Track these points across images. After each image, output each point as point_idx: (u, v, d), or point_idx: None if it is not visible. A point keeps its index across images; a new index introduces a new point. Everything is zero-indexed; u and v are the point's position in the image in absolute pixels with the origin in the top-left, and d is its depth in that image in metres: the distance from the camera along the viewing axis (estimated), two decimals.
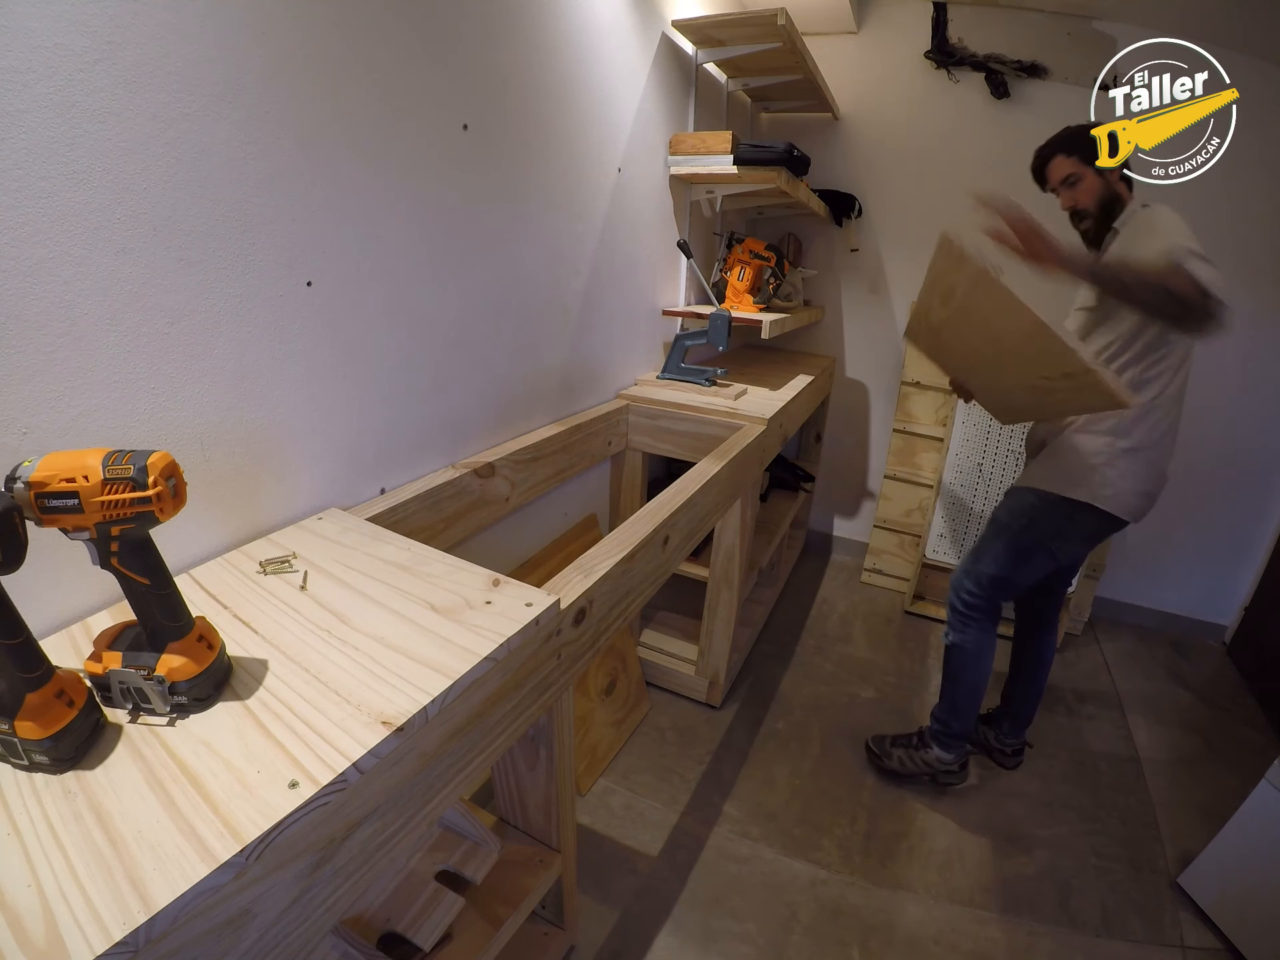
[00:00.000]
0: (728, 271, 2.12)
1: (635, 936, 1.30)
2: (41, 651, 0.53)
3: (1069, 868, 1.52)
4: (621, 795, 1.61)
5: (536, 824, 1.08)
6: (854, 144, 2.54)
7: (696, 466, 1.39)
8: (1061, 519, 1.42)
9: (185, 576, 0.80)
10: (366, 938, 0.86)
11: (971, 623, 1.57)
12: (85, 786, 0.51)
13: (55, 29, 0.61)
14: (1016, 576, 1.51)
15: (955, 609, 1.58)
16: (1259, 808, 1.29)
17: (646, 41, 1.66)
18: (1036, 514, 1.45)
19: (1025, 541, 1.48)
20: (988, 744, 1.82)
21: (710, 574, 1.79)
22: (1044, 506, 1.44)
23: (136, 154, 0.69)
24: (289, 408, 0.93)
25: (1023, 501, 1.48)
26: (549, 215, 1.40)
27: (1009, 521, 1.50)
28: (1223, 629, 2.51)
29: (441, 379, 1.20)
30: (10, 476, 0.52)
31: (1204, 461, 2.36)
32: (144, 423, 0.76)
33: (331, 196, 0.92)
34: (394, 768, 0.59)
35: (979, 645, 1.58)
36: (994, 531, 1.53)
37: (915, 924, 1.37)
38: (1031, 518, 1.46)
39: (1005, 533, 1.50)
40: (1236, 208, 2.09)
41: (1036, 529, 1.46)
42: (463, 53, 1.09)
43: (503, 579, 0.83)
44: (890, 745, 1.73)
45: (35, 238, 0.63)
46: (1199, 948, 1.35)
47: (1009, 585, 1.53)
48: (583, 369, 1.66)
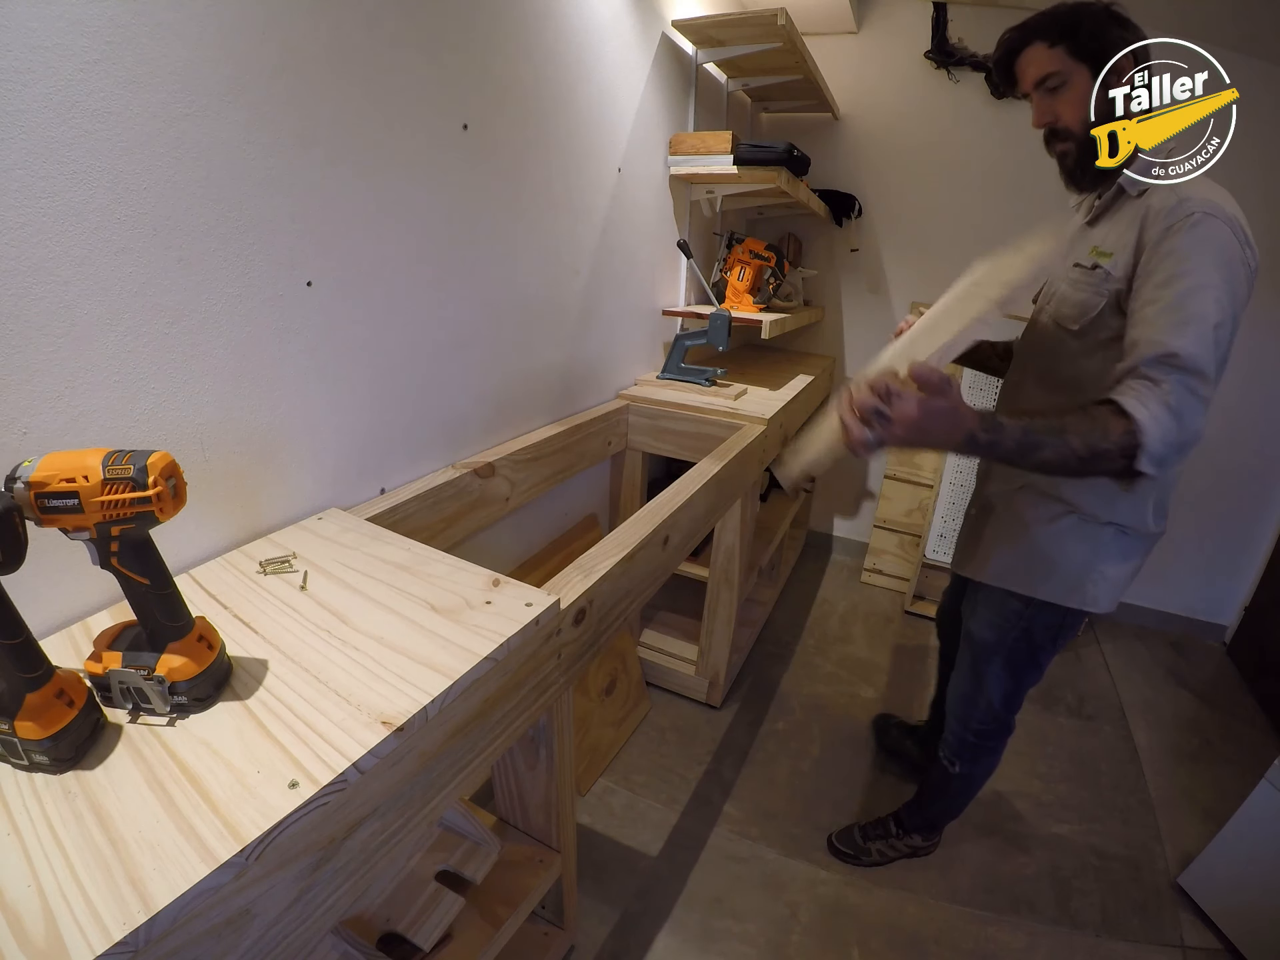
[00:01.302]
0: (728, 271, 2.11)
1: (635, 936, 1.30)
2: (41, 651, 0.53)
3: (1069, 868, 1.52)
4: (621, 795, 1.61)
5: (536, 824, 1.08)
6: (854, 144, 2.54)
7: (696, 466, 1.39)
8: (1058, 619, 1.15)
9: (185, 576, 0.80)
10: (366, 938, 0.86)
11: (986, 751, 1.34)
12: (85, 786, 0.51)
13: (55, 29, 0.61)
14: (1026, 684, 1.25)
15: (965, 742, 1.33)
16: (1259, 808, 1.29)
17: (646, 41, 1.66)
18: (1029, 623, 1.16)
19: (1023, 654, 1.21)
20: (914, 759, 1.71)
21: (710, 574, 1.79)
22: (1033, 613, 1.15)
23: (137, 154, 0.69)
24: (289, 408, 0.93)
25: (1006, 611, 1.18)
26: (549, 215, 1.40)
27: (997, 639, 1.21)
28: (1223, 629, 2.51)
29: (441, 379, 1.20)
30: (10, 476, 0.52)
31: (1204, 461, 2.36)
32: (144, 423, 0.76)
33: (331, 197, 0.92)
34: (394, 768, 0.59)
35: (989, 770, 1.39)
36: (984, 653, 1.25)
37: (915, 924, 1.37)
38: (1024, 629, 1.17)
39: (999, 652, 1.22)
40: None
41: (1033, 638, 1.18)
42: (463, 53, 1.09)
43: (503, 579, 0.83)
44: (864, 840, 1.51)
45: (35, 238, 0.63)
46: (1199, 948, 1.35)
47: (1020, 696, 1.28)
48: (583, 369, 1.66)
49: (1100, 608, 1.11)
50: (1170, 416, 0.79)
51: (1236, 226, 0.86)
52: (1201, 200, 0.87)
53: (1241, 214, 0.89)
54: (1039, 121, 1.03)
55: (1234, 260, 0.85)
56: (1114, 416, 0.80)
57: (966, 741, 1.33)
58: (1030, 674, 1.23)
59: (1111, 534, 1.06)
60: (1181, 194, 0.90)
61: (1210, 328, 0.83)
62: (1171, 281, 0.86)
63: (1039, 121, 1.03)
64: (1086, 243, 1.03)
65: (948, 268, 2.67)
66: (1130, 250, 0.92)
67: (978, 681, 1.27)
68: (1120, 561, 1.09)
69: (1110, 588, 1.10)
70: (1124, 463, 0.80)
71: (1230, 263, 0.85)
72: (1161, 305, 0.86)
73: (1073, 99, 0.97)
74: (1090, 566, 1.08)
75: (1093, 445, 0.80)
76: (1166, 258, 0.87)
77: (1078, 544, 1.08)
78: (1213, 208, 0.86)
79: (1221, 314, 0.83)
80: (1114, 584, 1.10)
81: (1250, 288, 0.88)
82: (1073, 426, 0.80)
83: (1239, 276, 0.86)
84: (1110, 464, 0.81)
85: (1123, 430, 0.79)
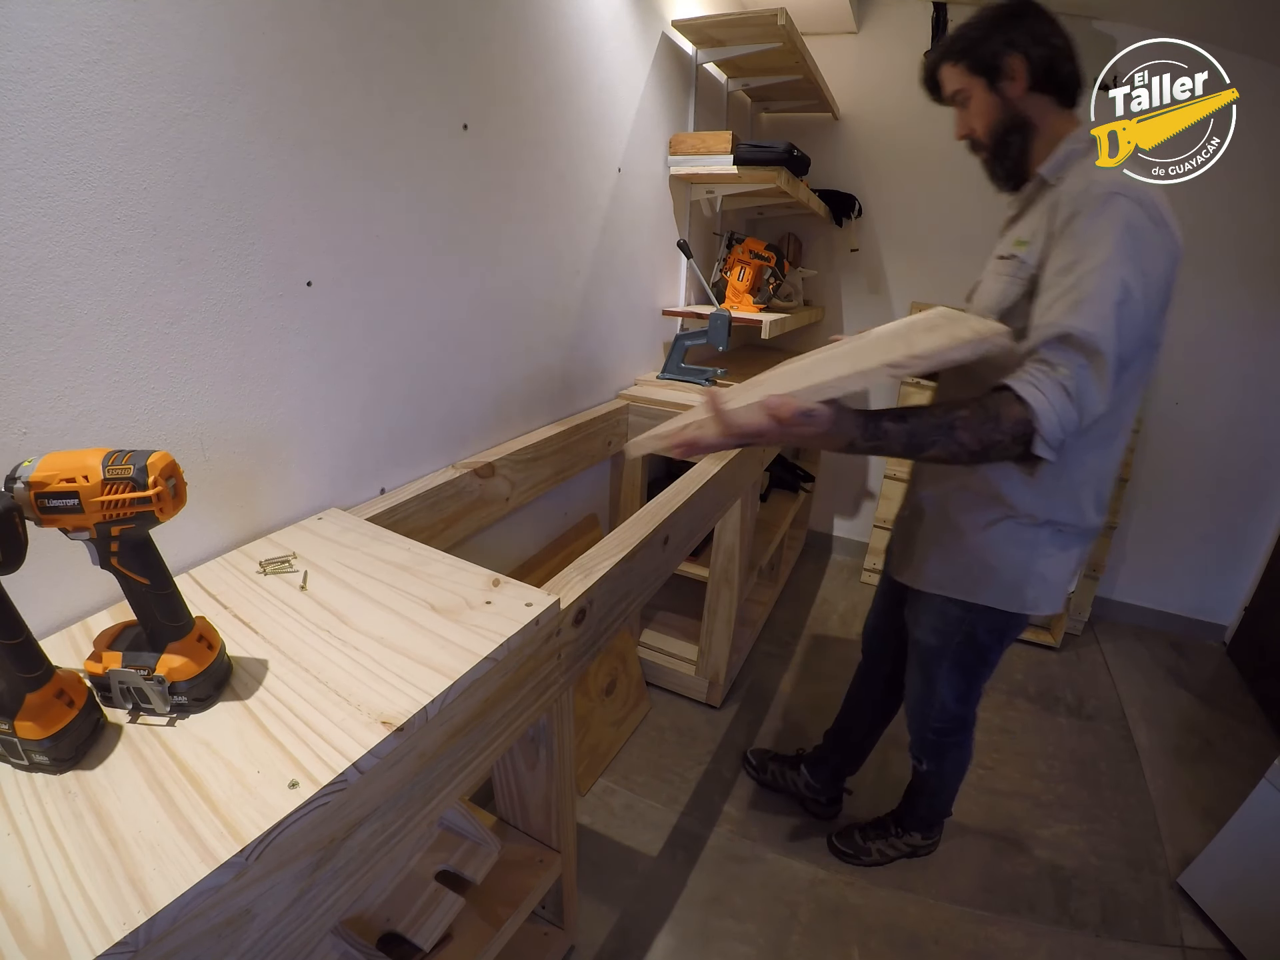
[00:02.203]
0: (728, 271, 2.11)
1: (635, 936, 1.30)
2: (41, 651, 0.53)
3: (1069, 868, 1.52)
4: (621, 795, 1.61)
5: (536, 824, 1.08)
6: (854, 144, 2.54)
7: (696, 466, 1.39)
8: (1000, 622, 1.13)
9: (185, 576, 0.80)
10: (366, 938, 0.86)
11: (949, 747, 1.34)
12: (85, 786, 0.51)
13: (55, 29, 0.61)
14: (978, 681, 1.25)
15: (927, 740, 1.33)
16: (1259, 808, 1.29)
17: (646, 41, 1.66)
18: (971, 626, 1.15)
19: (970, 656, 1.19)
20: (796, 790, 1.62)
21: (710, 574, 1.79)
22: (974, 618, 1.13)
23: (136, 154, 0.69)
24: (289, 408, 0.93)
25: (948, 616, 1.16)
26: (549, 215, 1.40)
27: (941, 644, 1.20)
28: (1223, 629, 2.51)
29: (441, 379, 1.20)
30: (10, 476, 0.52)
31: (1204, 461, 2.36)
32: (144, 423, 0.76)
33: (331, 197, 0.92)
34: (394, 768, 0.59)
35: (960, 763, 1.39)
36: (930, 658, 1.23)
37: (915, 924, 1.37)
38: (966, 633, 1.16)
39: (944, 656, 1.21)
40: (1236, 208, 2.09)
41: (978, 640, 1.16)
42: (463, 53, 1.09)
43: (503, 579, 0.83)
44: (864, 840, 1.51)
45: (35, 238, 0.63)
46: (1199, 948, 1.35)
47: (976, 694, 1.28)
48: (583, 369, 1.66)
49: (1042, 610, 1.09)
50: (1066, 399, 0.79)
51: (1150, 205, 0.84)
52: (1111, 181, 0.86)
53: (1161, 197, 0.87)
54: (958, 134, 1.07)
55: (1143, 238, 0.83)
56: (1010, 404, 0.80)
57: (928, 740, 1.33)
58: (981, 671, 1.23)
59: (1049, 534, 1.04)
60: (1092, 177, 0.89)
61: (1110, 306, 0.80)
62: (1072, 265, 0.84)
63: (958, 134, 1.07)
64: (1011, 236, 1.03)
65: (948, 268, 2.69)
66: (1044, 236, 0.92)
67: (929, 685, 1.26)
68: (1059, 562, 1.07)
69: (1050, 589, 1.08)
70: (1020, 449, 0.80)
71: (1139, 240, 0.83)
72: (1060, 288, 0.85)
73: (977, 111, 1.02)
74: (1028, 570, 1.06)
75: (984, 438, 0.80)
76: (1070, 240, 0.86)
77: (1015, 549, 1.05)
78: (1121, 188, 0.85)
79: (1125, 291, 0.81)
80: (1054, 585, 1.08)
81: (1170, 264, 0.86)
82: (962, 422, 0.80)
83: (1150, 253, 0.83)
84: (1005, 453, 0.81)
85: (1017, 418, 0.79)
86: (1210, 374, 2.27)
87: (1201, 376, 2.28)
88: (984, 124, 1.01)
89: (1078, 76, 1.00)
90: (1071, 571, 1.11)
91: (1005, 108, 0.99)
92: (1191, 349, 2.25)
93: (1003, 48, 0.96)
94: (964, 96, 1.02)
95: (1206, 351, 2.25)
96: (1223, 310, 2.19)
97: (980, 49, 0.98)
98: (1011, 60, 0.96)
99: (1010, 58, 0.96)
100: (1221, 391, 2.27)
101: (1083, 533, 1.06)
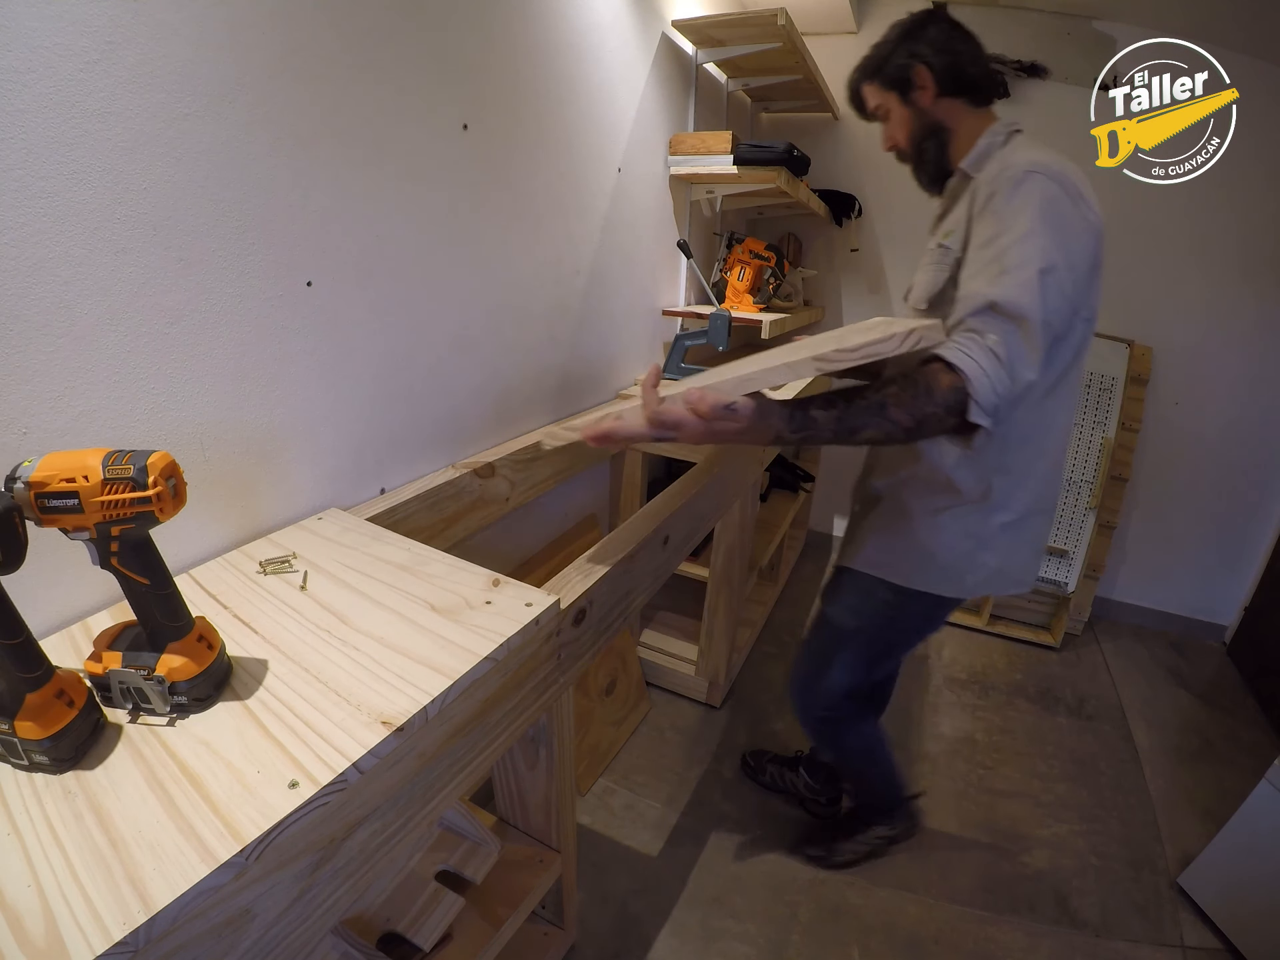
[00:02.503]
0: (728, 271, 2.11)
1: (635, 936, 1.30)
2: (41, 651, 0.53)
3: (1069, 868, 1.52)
4: (621, 795, 1.61)
5: (536, 824, 1.08)
6: (854, 144, 2.54)
7: (696, 466, 1.39)
8: (930, 608, 1.12)
9: (185, 576, 0.80)
10: (366, 938, 0.86)
11: (844, 732, 1.32)
12: (85, 786, 0.51)
13: (55, 29, 0.61)
14: (874, 676, 1.26)
15: (817, 729, 1.33)
16: (1259, 808, 1.29)
17: (646, 41, 1.66)
18: (895, 612, 1.13)
19: (881, 644, 1.19)
20: (796, 791, 1.62)
21: (710, 574, 1.79)
22: (903, 602, 1.11)
23: (136, 154, 0.69)
24: (289, 408, 0.93)
25: (873, 600, 1.14)
26: (549, 215, 1.40)
27: (859, 625, 1.18)
28: (1223, 629, 2.51)
29: (441, 379, 1.20)
30: (10, 476, 0.52)
31: (1204, 461, 2.36)
32: (144, 423, 0.76)
33: (332, 197, 0.92)
34: (394, 768, 0.59)
35: (866, 744, 1.37)
36: (837, 638, 1.21)
37: (915, 924, 1.37)
38: (890, 616, 1.14)
39: (856, 638, 1.19)
40: (1236, 208, 2.09)
41: (897, 626, 1.16)
42: (463, 53, 1.09)
43: (503, 579, 0.83)
44: (832, 840, 1.50)
45: (35, 238, 0.63)
46: (1199, 948, 1.35)
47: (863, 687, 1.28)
48: (583, 369, 1.66)
49: (978, 593, 1.10)
50: (998, 365, 0.78)
51: (1066, 182, 0.84)
52: (1025, 161, 0.87)
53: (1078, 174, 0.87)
54: (885, 146, 1.11)
55: (1061, 211, 0.83)
56: (941, 373, 0.79)
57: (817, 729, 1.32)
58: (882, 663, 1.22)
59: (998, 521, 1.03)
60: (1007, 160, 0.90)
61: (1034, 273, 0.80)
62: (993, 238, 0.85)
63: (885, 146, 1.11)
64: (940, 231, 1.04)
65: None
66: (965, 222, 0.93)
67: (824, 664, 1.24)
68: (1010, 548, 1.06)
69: (997, 575, 1.07)
70: (955, 420, 0.79)
71: (1057, 213, 0.83)
72: (982, 260, 0.85)
73: (897, 123, 1.06)
74: (973, 558, 1.05)
75: (917, 412, 0.78)
76: (989, 216, 0.87)
77: (961, 536, 1.05)
78: (1035, 166, 0.85)
79: (1048, 260, 0.81)
80: (1002, 571, 1.07)
81: (1091, 239, 0.87)
82: (893, 399, 0.78)
83: (1069, 227, 0.84)
84: (941, 425, 0.80)
85: (949, 385, 0.78)
86: (1210, 374, 2.27)
87: (1201, 376, 2.28)
88: (904, 134, 1.05)
89: (988, 77, 1.03)
90: (1027, 556, 1.10)
91: (919, 117, 1.03)
92: (1191, 349, 2.25)
93: (908, 60, 1.00)
94: (884, 111, 1.06)
95: (1206, 351, 2.25)
96: (1223, 310, 2.19)
97: (889, 64, 1.02)
98: (918, 71, 0.99)
99: (916, 69, 0.99)
100: (1221, 391, 2.27)
101: (1032, 515, 1.05)
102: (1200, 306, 2.19)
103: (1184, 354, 2.24)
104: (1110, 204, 2.36)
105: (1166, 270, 2.22)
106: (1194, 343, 2.24)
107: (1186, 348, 2.24)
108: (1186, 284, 2.21)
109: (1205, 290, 2.18)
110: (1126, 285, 2.20)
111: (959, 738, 1.90)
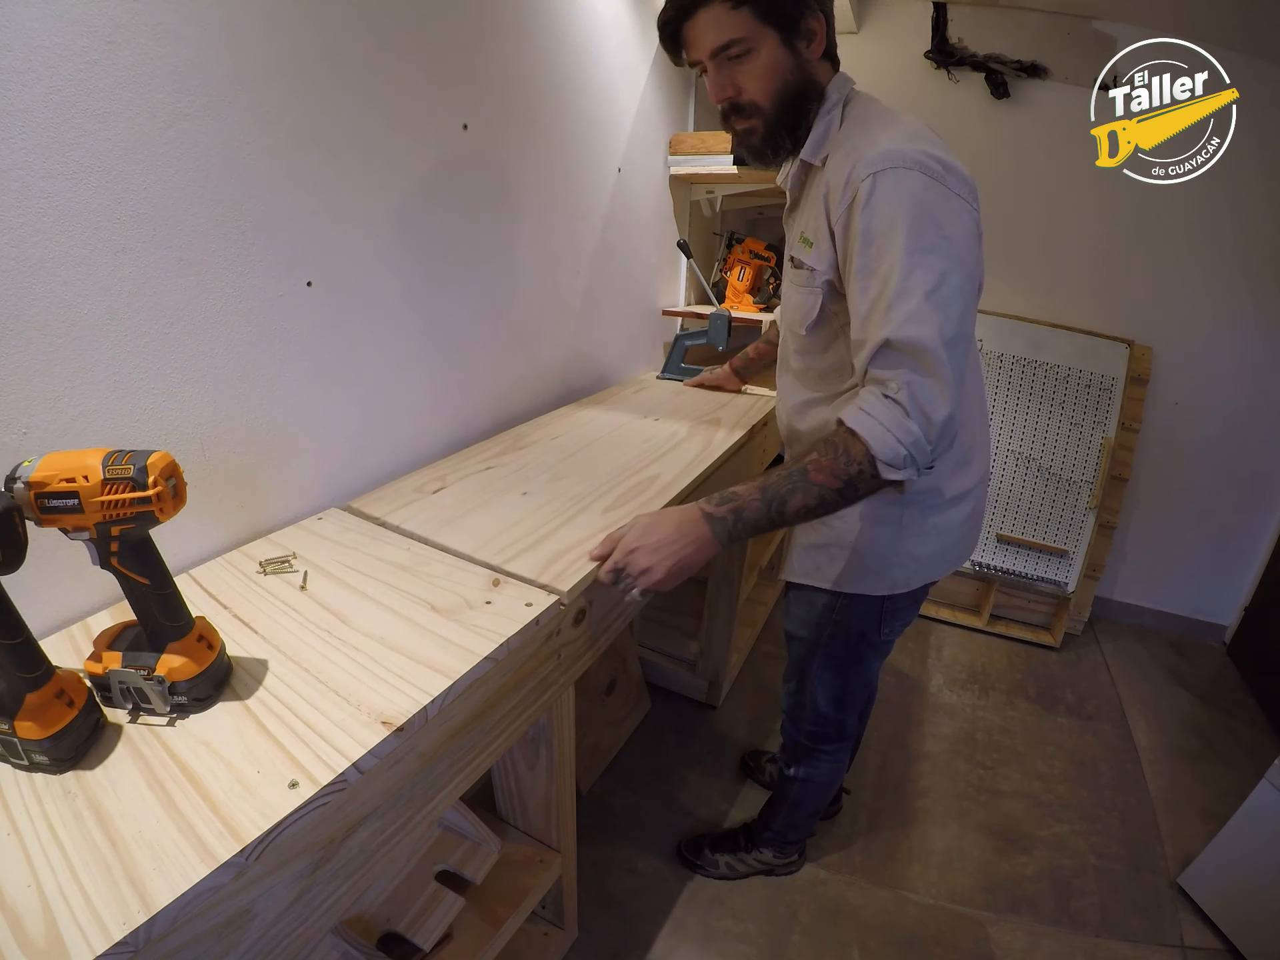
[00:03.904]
0: (728, 271, 2.12)
1: (635, 936, 1.29)
2: (41, 651, 0.53)
3: (1069, 868, 1.52)
4: (621, 795, 1.61)
5: (536, 824, 1.08)
6: None
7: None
8: (874, 607, 1.04)
9: (185, 576, 0.80)
10: (366, 938, 0.86)
11: (822, 755, 1.26)
12: (85, 786, 0.51)
13: (55, 29, 0.61)
14: (855, 686, 1.17)
15: (799, 744, 1.26)
16: (1259, 808, 1.29)
17: (646, 41, 1.66)
18: (841, 616, 1.07)
19: (841, 650, 1.11)
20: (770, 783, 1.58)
21: (710, 574, 1.79)
22: (843, 605, 1.05)
23: (136, 154, 0.69)
24: (289, 408, 0.93)
25: (816, 606, 1.07)
26: (549, 215, 1.40)
27: (813, 638, 1.12)
28: (1223, 629, 2.51)
29: (441, 379, 1.20)
30: (10, 476, 0.52)
31: (1204, 461, 2.36)
32: (144, 423, 0.76)
33: (331, 197, 0.92)
34: (394, 768, 0.59)
35: (831, 776, 1.30)
36: (803, 652, 1.16)
37: (915, 924, 1.37)
38: (836, 623, 1.07)
39: (815, 649, 1.13)
40: (1236, 208, 2.09)
41: (849, 631, 1.08)
42: (463, 53, 1.09)
43: (503, 579, 0.83)
44: (712, 851, 1.44)
45: (35, 238, 0.63)
46: (1199, 948, 1.35)
47: (852, 699, 1.19)
48: (583, 369, 1.66)
49: (915, 585, 1.02)
50: (900, 414, 0.73)
51: (923, 163, 0.75)
52: (872, 158, 0.76)
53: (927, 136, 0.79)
54: (719, 97, 0.88)
55: (929, 202, 0.74)
56: (849, 435, 0.75)
57: (799, 744, 1.27)
58: (854, 670, 1.15)
59: (917, 511, 0.97)
60: (853, 156, 0.79)
61: (921, 299, 0.73)
62: (870, 268, 0.76)
63: (719, 97, 0.88)
64: (795, 229, 0.94)
65: None
66: (826, 237, 0.84)
67: (801, 681, 1.19)
68: (933, 533, 0.99)
69: (924, 564, 1.01)
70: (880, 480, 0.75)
71: (927, 210, 0.74)
72: (867, 299, 0.77)
73: (759, 69, 0.82)
74: (894, 549, 0.98)
75: (841, 474, 0.75)
76: (855, 241, 0.78)
77: (879, 528, 0.98)
78: (885, 158, 0.75)
79: (932, 276, 0.73)
80: (926, 561, 1.01)
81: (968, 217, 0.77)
82: (814, 465, 0.76)
83: (943, 218, 0.75)
84: (870, 484, 0.76)
85: (862, 448, 0.74)
86: (1210, 374, 2.27)
87: (1201, 376, 2.28)
88: (768, 85, 0.83)
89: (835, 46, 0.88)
90: (955, 538, 1.03)
91: (799, 69, 0.83)
92: (1191, 349, 2.25)
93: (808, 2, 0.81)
94: (742, 48, 0.81)
95: (1207, 351, 2.24)
96: (1223, 310, 2.18)
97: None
98: (813, 20, 0.82)
99: (813, 17, 0.82)
100: (1221, 391, 2.27)
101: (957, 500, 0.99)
102: (1200, 306, 2.19)
103: (1184, 354, 2.24)
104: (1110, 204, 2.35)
105: (1166, 270, 2.22)
106: (1194, 343, 2.23)
107: (1187, 348, 2.24)
108: (1187, 284, 2.21)
109: (1205, 290, 2.18)
110: (1126, 285, 2.20)
111: (959, 738, 1.90)
